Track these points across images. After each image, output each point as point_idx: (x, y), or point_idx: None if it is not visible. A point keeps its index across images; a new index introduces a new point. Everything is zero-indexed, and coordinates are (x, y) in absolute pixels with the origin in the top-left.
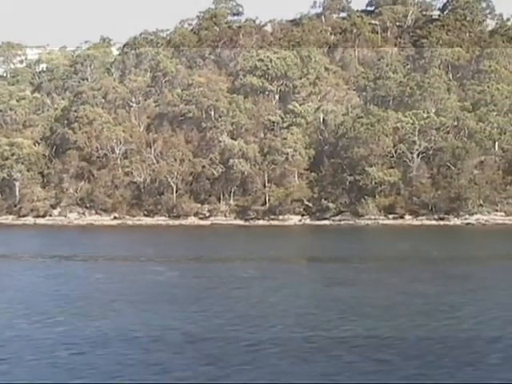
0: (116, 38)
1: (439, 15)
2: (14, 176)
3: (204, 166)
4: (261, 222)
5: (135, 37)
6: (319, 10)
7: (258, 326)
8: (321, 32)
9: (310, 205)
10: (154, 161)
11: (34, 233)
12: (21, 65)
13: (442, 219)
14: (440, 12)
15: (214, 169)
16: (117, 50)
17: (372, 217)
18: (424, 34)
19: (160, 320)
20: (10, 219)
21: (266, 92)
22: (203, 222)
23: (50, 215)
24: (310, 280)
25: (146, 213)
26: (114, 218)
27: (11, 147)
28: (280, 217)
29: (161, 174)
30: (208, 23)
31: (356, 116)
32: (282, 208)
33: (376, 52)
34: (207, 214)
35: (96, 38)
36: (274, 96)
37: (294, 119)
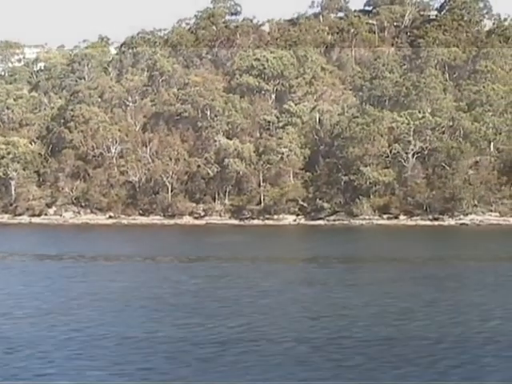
0: (115, 37)
1: (436, 15)
2: (9, 175)
3: (199, 166)
4: (255, 222)
5: (133, 36)
6: (317, 9)
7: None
8: (318, 32)
9: (305, 204)
10: (150, 160)
11: (25, 232)
12: (19, 64)
13: (436, 219)
14: (437, 12)
15: (209, 168)
16: (115, 50)
17: (366, 217)
18: (421, 33)
19: (114, 319)
20: (5, 218)
21: (262, 91)
22: (198, 222)
23: (46, 214)
24: (283, 280)
25: (141, 212)
26: (109, 217)
27: (7, 146)
28: (275, 216)
29: (156, 173)
30: (205, 23)
31: (352, 116)
32: (276, 208)
33: (373, 52)
34: (202, 214)
35: (95, 37)
36: (271, 96)
37: (290, 119)
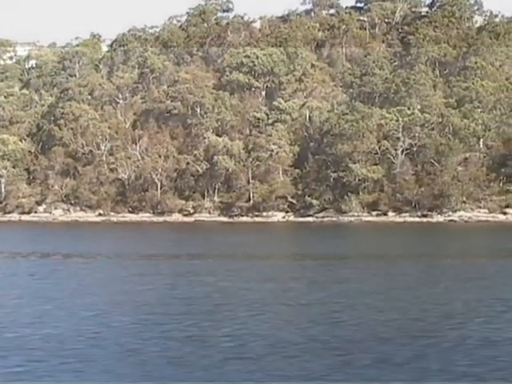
0: (108, 34)
1: (427, 12)
2: None
3: (188, 163)
4: (244, 219)
5: (124, 33)
6: (309, 6)
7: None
8: (308, 28)
9: (294, 201)
10: (139, 157)
11: (11, 230)
12: (10, 61)
13: (425, 216)
14: (428, 8)
15: (199, 165)
16: (107, 47)
17: (355, 214)
18: (411, 30)
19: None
20: None
21: (252, 89)
22: (187, 219)
23: (36, 212)
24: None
25: (130, 209)
26: (99, 214)
27: None
28: (264, 213)
29: (145, 170)
30: (196, 20)
31: (341, 113)
32: (266, 205)
33: (363, 48)
34: (191, 211)
35: (87, 34)
36: (261, 93)
37: (279, 116)
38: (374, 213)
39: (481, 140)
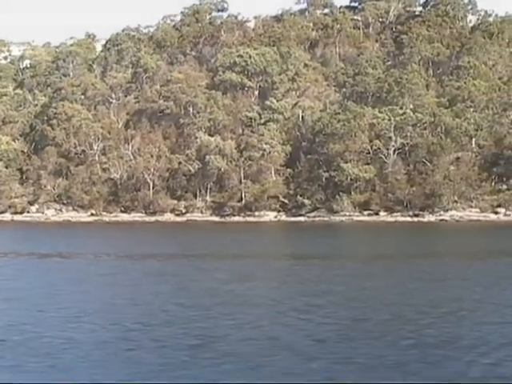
0: (103, 34)
1: (421, 11)
2: None
3: (180, 163)
4: (236, 219)
5: (117, 33)
6: (304, 5)
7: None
8: (302, 28)
9: (286, 201)
10: (132, 157)
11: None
12: (5, 61)
13: (416, 216)
14: (422, 8)
15: (191, 165)
16: (102, 47)
17: (347, 213)
18: (405, 29)
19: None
20: None
21: (245, 88)
22: (179, 219)
23: (28, 212)
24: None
25: (122, 209)
26: (91, 214)
27: None
28: (256, 213)
29: (137, 170)
30: (190, 19)
31: (333, 112)
32: (257, 204)
33: (357, 48)
34: (183, 211)
35: (82, 34)
36: (254, 92)
37: (272, 115)
38: (365, 212)
39: (473, 139)
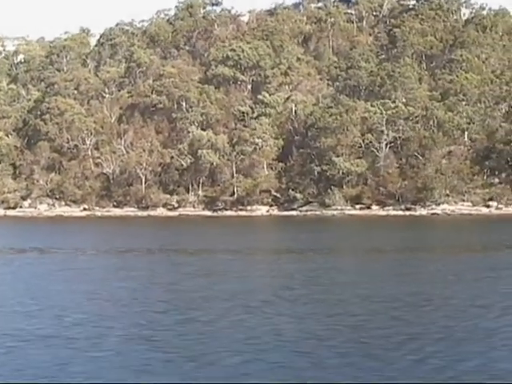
0: (98, 28)
1: (415, 4)
2: None
3: (173, 157)
4: (229, 213)
5: (111, 28)
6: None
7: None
8: (295, 22)
9: (278, 195)
10: (124, 152)
11: None
12: None
13: (408, 209)
14: (416, 1)
15: (183, 159)
16: (96, 41)
17: (339, 207)
18: (398, 23)
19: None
20: None
21: (238, 82)
22: (171, 213)
23: (21, 207)
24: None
25: (115, 204)
26: (84, 209)
27: None
28: (248, 207)
29: (130, 164)
30: (184, 13)
31: (326, 106)
32: (250, 199)
33: (350, 42)
34: (176, 205)
35: (77, 29)
36: (246, 86)
37: (264, 109)
38: (357, 206)
39: (465, 133)
